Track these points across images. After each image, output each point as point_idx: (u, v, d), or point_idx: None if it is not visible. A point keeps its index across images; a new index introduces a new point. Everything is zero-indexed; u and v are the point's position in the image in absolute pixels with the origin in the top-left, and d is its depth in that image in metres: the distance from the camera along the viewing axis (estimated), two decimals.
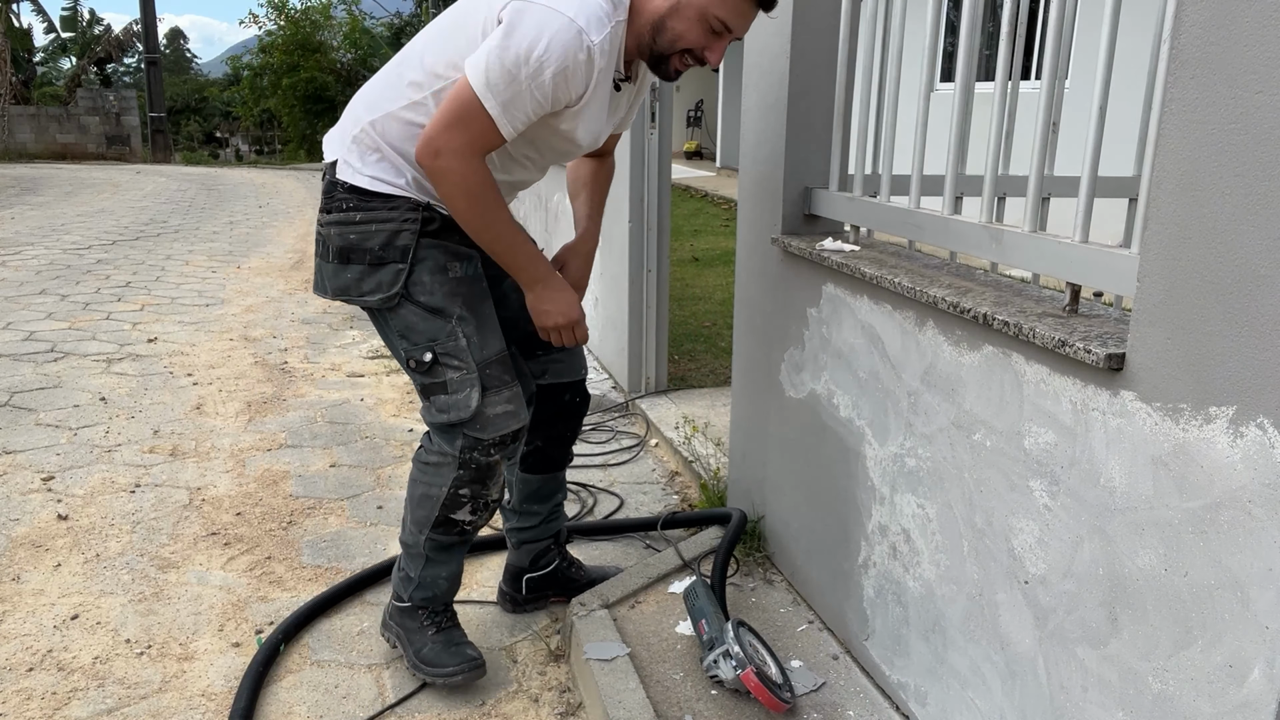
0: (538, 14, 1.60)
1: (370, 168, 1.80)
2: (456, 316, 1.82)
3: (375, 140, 1.80)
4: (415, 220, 1.80)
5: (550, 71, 1.61)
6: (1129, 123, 2.00)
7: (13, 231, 8.20)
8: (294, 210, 10.57)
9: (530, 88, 1.62)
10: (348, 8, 26.19)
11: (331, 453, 3.33)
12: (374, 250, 1.80)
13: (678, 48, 1.73)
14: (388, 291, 1.81)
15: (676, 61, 1.76)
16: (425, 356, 1.82)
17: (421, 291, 1.81)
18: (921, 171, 1.82)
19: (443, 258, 1.84)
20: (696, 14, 1.69)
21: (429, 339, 1.82)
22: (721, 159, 14.82)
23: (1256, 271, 1.03)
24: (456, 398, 1.82)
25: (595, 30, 1.62)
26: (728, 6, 1.68)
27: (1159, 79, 1.18)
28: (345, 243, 1.81)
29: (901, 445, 1.80)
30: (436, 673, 1.99)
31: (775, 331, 2.33)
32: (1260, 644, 1.06)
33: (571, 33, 1.60)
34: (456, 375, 1.82)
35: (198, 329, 5.04)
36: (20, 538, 2.64)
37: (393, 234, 1.79)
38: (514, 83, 1.61)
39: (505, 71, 1.60)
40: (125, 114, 19.24)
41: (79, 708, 1.94)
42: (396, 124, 1.78)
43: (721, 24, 1.70)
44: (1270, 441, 1.03)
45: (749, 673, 1.79)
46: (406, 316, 1.83)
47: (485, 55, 1.61)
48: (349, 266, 1.82)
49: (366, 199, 1.79)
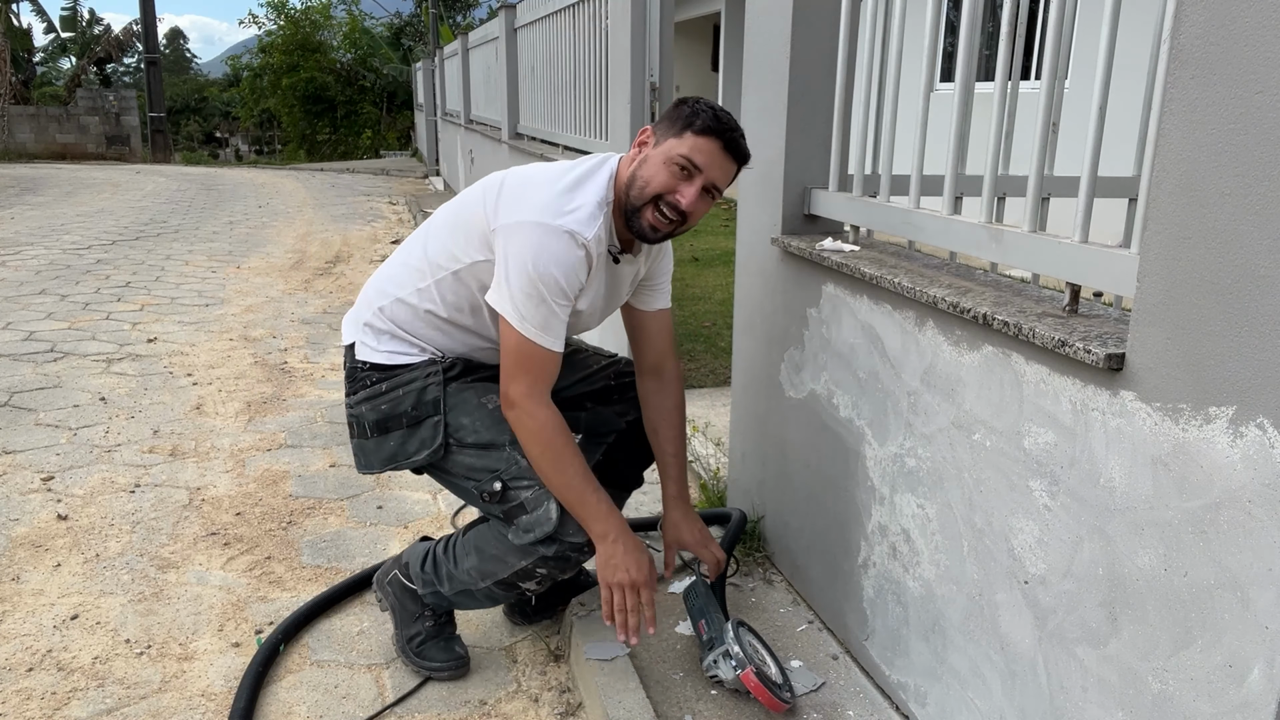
0: (526, 234, 1.68)
1: (385, 344, 1.90)
2: (509, 441, 1.83)
3: (387, 324, 1.90)
4: (438, 373, 1.88)
5: (561, 279, 1.69)
6: (1129, 123, 2.00)
7: (12, 231, 8.20)
8: (294, 210, 10.57)
9: (552, 300, 1.70)
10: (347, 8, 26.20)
11: (331, 453, 3.33)
12: (408, 412, 1.86)
13: (648, 194, 1.75)
14: (432, 446, 1.85)
15: (650, 214, 1.76)
16: (495, 486, 1.82)
17: (467, 433, 1.85)
18: (921, 171, 1.83)
19: (475, 396, 1.88)
20: (661, 158, 1.75)
21: (491, 471, 1.83)
22: None
23: (1256, 271, 1.03)
24: (537, 514, 1.80)
25: (585, 226, 1.70)
26: (689, 145, 1.72)
27: (1159, 79, 1.18)
28: (379, 415, 1.88)
29: (901, 445, 1.80)
30: (426, 666, 2.04)
31: (775, 331, 2.33)
32: (1260, 644, 1.06)
33: (563, 241, 1.68)
34: (530, 493, 1.80)
35: (197, 329, 5.04)
36: (20, 538, 2.64)
37: (420, 391, 1.86)
38: (541, 303, 1.70)
39: (528, 297, 1.69)
40: (125, 114, 19.23)
41: (79, 708, 1.94)
42: (403, 308, 1.89)
43: (687, 161, 1.72)
44: (1270, 441, 1.03)
45: (749, 673, 1.79)
46: (461, 460, 1.86)
47: (505, 293, 1.71)
48: (389, 435, 1.88)
49: (389, 371, 1.88)
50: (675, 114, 1.77)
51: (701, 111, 1.73)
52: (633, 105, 3.52)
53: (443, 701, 1.99)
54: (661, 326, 2.06)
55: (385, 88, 25.55)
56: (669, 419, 2.06)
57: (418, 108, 19.45)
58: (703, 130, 1.72)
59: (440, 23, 20.58)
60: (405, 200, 11.62)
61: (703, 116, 1.72)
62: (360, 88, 25.56)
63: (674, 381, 2.08)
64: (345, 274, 6.81)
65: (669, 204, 1.74)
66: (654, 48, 3.48)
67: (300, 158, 25.90)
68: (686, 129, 1.73)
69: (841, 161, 2.12)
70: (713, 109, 1.74)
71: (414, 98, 21.26)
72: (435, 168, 15.14)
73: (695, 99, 1.78)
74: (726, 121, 1.74)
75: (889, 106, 1.93)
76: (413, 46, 25.97)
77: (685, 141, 1.72)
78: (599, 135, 4.31)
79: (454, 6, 26.79)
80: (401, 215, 10.29)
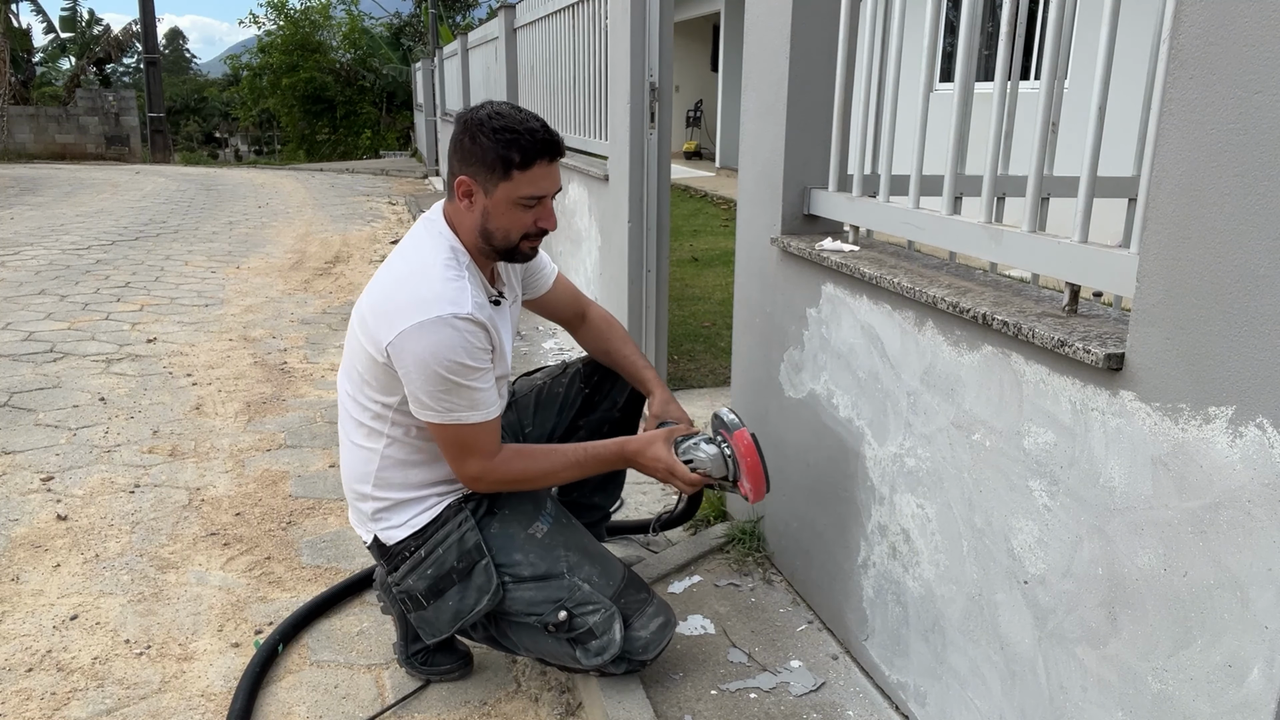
0: (412, 339, 1.64)
1: (402, 516, 1.85)
2: (567, 568, 1.83)
3: (389, 497, 1.85)
4: (468, 517, 1.84)
5: (468, 359, 1.67)
6: (1129, 123, 2.00)
7: (12, 232, 8.20)
8: (293, 210, 10.56)
9: (469, 382, 1.68)
10: (347, 8, 26.19)
11: (331, 453, 3.33)
12: (455, 567, 1.81)
13: (515, 239, 1.77)
14: (490, 590, 1.81)
15: (523, 246, 1.79)
16: (560, 616, 1.80)
17: (523, 568, 1.82)
18: (921, 171, 1.82)
19: (518, 528, 1.86)
20: (505, 206, 1.72)
21: (554, 601, 1.81)
22: (721, 159, 14.81)
23: (1256, 271, 1.03)
24: (606, 637, 1.80)
25: (458, 302, 1.66)
26: (524, 182, 1.71)
27: (1159, 79, 1.18)
28: (429, 581, 1.83)
29: (901, 445, 1.80)
30: (433, 671, 2.03)
31: (775, 332, 2.33)
32: (1260, 644, 1.06)
33: (448, 328, 1.64)
34: (597, 618, 1.80)
35: (197, 329, 5.04)
36: (20, 538, 2.64)
37: (459, 541, 1.82)
38: (461, 390, 1.68)
39: (445, 393, 1.67)
40: (124, 114, 19.21)
41: (78, 708, 1.94)
42: (389, 473, 1.84)
43: (532, 198, 1.73)
44: (1270, 441, 1.03)
45: (744, 432, 1.81)
46: (521, 596, 1.82)
47: (424, 401, 1.68)
48: (445, 596, 1.83)
49: (419, 536, 1.84)
50: (480, 152, 1.69)
51: (510, 141, 1.67)
52: (633, 105, 3.52)
53: (443, 701, 1.99)
54: (563, 291, 2.14)
55: (385, 88, 25.55)
56: (613, 336, 2.17)
57: (417, 108, 19.44)
58: (525, 163, 1.69)
59: (440, 23, 20.58)
60: (405, 200, 11.62)
61: (515, 148, 1.67)
62: (360, 88, 25.56)
63: (600, 317, 2.19)
64: (345, 274, 6.80)
65: (536, 232, 1.79)
66: (654, 48, 3.48)
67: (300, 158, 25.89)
68: (510, 168, 1.68)
69: (841, 161, 2.12)
70: (511, 130, 1.67)
71: (413, 98, 21.25)
72: (435, 168, 15.14)
73: (481, 118, 1.69)
74: (531, 133, 1.68)
75: (889, 106, 1.93)
76: (412, 46, 25.96)
77: (518, 183, 1.70)
78: (599, 135, 4.31)
79: (454, 6, 26.78)
80: (401, 215, 10.29)
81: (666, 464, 1.85)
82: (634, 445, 1.89)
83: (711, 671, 2.00)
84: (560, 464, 1.86)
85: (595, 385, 2.20)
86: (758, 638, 2.13)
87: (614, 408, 2.20)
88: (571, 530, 1.91)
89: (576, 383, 2.20)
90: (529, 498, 1.91)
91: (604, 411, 2.20)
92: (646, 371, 2.14)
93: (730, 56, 13.87)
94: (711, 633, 2.15)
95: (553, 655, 1.87)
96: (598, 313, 2.20)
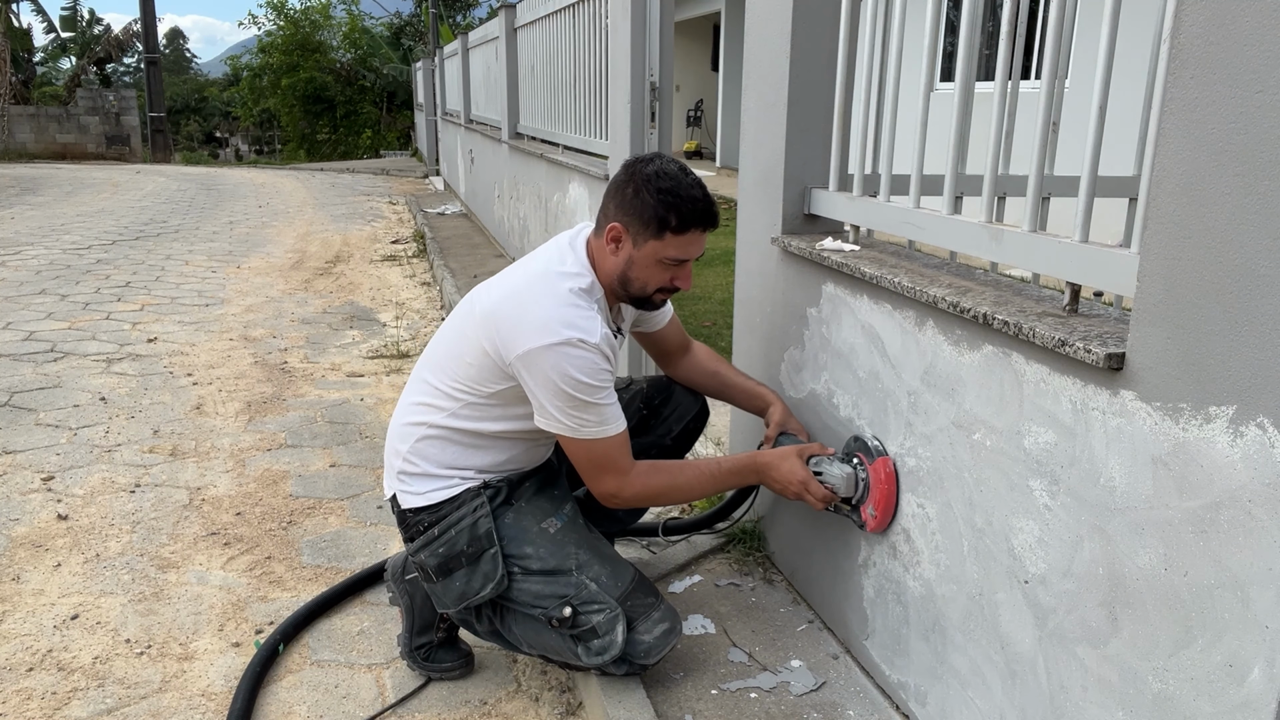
0: (543, 358, 1.71)
1: (424, 485, 1.89)
2: (576, 565, 1.84)
3: (420, 466, 1.90)
4: (484, 503, 1.87)
5: (593, 380, 1.74)
6: (1129, 123, 2.00)
7: (12, 231, 8.20)
8: (294, 210, 10.57)
9: (595, 400, 1.75)
10: (347, 8, 26.19)
11: (331, 453, 3.33)
12: (465, 550, 1.85)
13: (650, 291, 1.87)
14: (495, 578, 1.83)
15: (655, 298, 1.90)
16: (565, 612, 1.81)
17: (532, 561, 1.84)
18: (921, 171, 1.82)
19: (534, 523, 1.88)
20: (650, 261, 1.82)
21: (559, 597, 1.82)
22: (721, 159, 14.80)
23: (1256, 271, 1.03)
24: (609, 638, 1.81)
25: (590, 331, 1.73)
26: (673, 245, 1.80)
27: (1159, 79, 1.18)
28: (439, 559, 1.86)
29: (901, 445, 1.80)
30: (435, 668, 2.04)
31: (775, 331, 2.33)
32: (1260, 644, 1.06)
33: (577, 351, 1.72)
34: (600, 617, 1.81)
35: (197, 329, 5.04)
36: (20, 538, 2.64)
37: (471, 526, 1.85)
38: (588, 407, 1.75)
39: (575, 409, 1.74)
40: (125, 114, 19.22)
41: (79, 708, 1.94)
42: (431, 445, 1.89)
43: (676, 260, 1.82)
44: (1270, 441, 1.03)
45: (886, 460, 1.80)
46: (527, 588, 1.84)
47: (552, 415, 1.76)
48: (453, 576, 1.87)
49: (435, 510, 1.88)
50: (640, 206, 1.77)
51: (670, 204, 1.75)
52: (633, 105, 3.52)
53: (443, 701, 1.99)
54: (674, 328, 2.20)
55: (385, 88, 25.55)
56: (720, 361, 2.25)
57: (417, 108, 19.44)
58: (681, 228, 1.77)
59: (440, 22, 20.58)
60: (405, 200, 11.62)
61: (675, 211, 1.75)
62: (360, 88, 25.55)
63: (700, 348, 2.26)
64: (345, 274, 6.81)
65: (671, 288, 1.88)
66: (654, 47, 3.48)
67: (300, 158, 25.88)
68: (664, 229, 1.77)
69: (842, 161, 2.12)
70: (675, 194, 1.76)
71: (414, 97, 21.25)
72: (435, 167, 15.14)
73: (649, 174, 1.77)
74: (694, 201, 1.77)
75: (889, 106, 1.93)
76: (413, 46, 25.97)
77: (668, 244, 1.79)
78: (599, 135, 4.31)
79: (454, 6, 26.77)
80: (401, 215, 10.29)
81: (802, 479, 1.88)
82: (766, 459, 1.92)
83: (712, 671, 2.00)
84: (694, 478, 1.90)
85: (654, 409, 2.22)
86: (758, 637, 2.13)
87: (667, 435, 2.21)
88: (585, 530, 1.92)
89: (637, 401, 2.21)
90: (550, 494, 1.94)
91: (656, 437, 2.20)
92: (762, 388, 2.20)
93: (731, 56, 13.86)
94: (712, 632, 2.15)
95: (554, 651, 1.88)
96: (699, 346, 2.26)
